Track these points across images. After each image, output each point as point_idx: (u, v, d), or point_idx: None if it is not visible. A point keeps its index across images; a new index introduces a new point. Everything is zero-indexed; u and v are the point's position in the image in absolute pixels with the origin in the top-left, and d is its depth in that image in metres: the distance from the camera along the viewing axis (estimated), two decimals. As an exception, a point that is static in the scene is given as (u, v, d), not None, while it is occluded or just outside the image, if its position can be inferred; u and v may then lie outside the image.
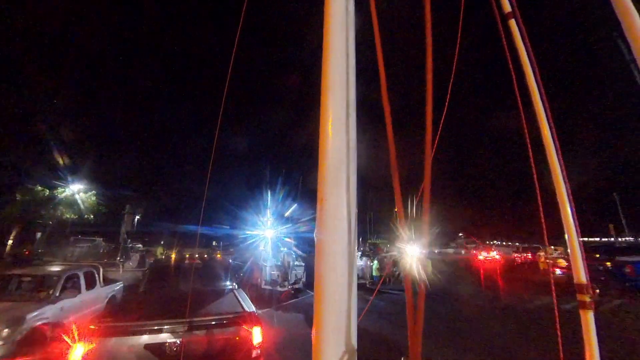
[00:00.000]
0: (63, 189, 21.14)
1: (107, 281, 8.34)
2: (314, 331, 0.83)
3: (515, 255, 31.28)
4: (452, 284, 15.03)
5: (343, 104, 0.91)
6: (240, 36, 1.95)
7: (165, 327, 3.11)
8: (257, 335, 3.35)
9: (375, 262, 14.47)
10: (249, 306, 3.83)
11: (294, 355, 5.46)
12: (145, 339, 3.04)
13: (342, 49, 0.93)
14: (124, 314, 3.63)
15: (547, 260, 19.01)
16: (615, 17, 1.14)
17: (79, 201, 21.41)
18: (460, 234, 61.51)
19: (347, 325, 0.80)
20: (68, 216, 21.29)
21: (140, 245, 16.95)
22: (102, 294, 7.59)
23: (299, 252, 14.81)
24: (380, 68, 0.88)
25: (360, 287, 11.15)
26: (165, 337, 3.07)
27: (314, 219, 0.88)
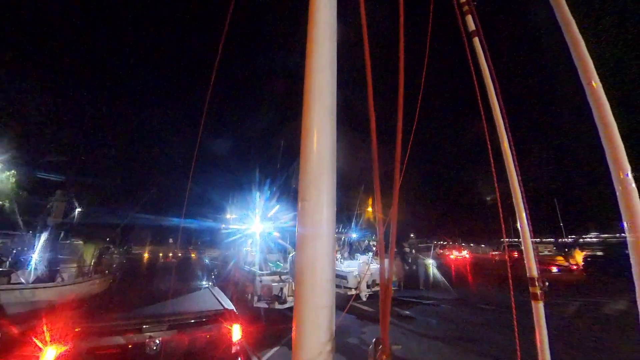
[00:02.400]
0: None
1: None
2: (294, 326, 0.84)
3: (496, 253, 29.85)
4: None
5: (324, 108, 0.92)
6: (228, 37, 1.92)
7: (144, 326, 2.98)
8: (236, 332, 3.29)
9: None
10: (228, 304, 3.75)
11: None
12: (123, 339, 2.89)
13: (324, 57, 0.95)
14: (99, 314, 3.44)
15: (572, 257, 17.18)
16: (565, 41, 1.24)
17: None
18: (412, 235, 61.13)
19: (327, 320, 0.82)
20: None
21: (80, 242, 11.25)
22: None
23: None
24: (367, 75, 0.90)
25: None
26: (144, 337, 2.94)
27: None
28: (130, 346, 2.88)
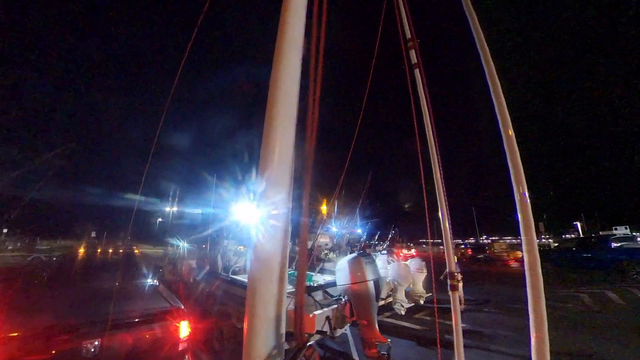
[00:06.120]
0: None
1: None
2: (245, 322, 0.79)
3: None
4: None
5: (286, 115, 0.91)
6: (199, 38, 1.79)
7: (80, 329, 2.57)
8: (184, 328, 3.02)
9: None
10: (175, 301, 3.43)
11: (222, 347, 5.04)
12: (54, 343, 2.45)
13: (290, 68, 0.94)
14: (26, 315, 2.88)
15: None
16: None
17: None
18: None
19: (277, 317, 0.79)
20: None
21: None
22: None
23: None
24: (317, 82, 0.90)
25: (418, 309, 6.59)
26: (80, 339, 2.52)
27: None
28: (55, 352, 2.43)
